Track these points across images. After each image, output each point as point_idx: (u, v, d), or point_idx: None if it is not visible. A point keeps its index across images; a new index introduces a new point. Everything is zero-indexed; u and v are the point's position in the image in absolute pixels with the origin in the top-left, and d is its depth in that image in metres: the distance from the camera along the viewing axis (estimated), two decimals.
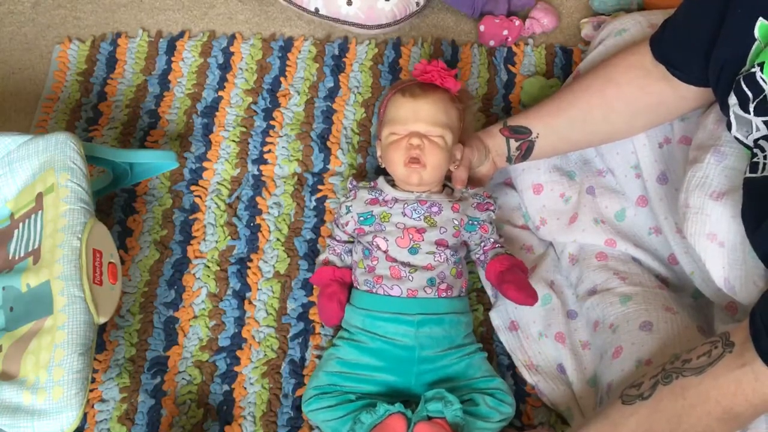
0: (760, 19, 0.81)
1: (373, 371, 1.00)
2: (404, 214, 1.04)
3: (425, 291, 1.01)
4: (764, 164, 0.81)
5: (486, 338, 1.10)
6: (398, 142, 1.03)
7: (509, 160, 1.11)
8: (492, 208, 1.08)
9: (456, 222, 1.04)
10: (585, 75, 1.07)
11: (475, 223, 1.06)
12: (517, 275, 1.02)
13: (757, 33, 0.82)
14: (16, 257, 0.97)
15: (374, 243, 1.03)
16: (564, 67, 1.34)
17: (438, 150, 1.02)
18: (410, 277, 1.01)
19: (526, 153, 1.10)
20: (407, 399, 1.01)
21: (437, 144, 1.03)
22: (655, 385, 0.81)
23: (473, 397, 0.98)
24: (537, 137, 1.08)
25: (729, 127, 0.86)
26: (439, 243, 1.03)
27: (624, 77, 1.02)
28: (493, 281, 1.05)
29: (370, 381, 1.00)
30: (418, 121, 1.03)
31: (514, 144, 1.09)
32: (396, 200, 1.05)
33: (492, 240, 1.07)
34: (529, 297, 1.00)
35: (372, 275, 1.03)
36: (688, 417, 0.78)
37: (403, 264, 1.01)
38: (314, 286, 1.13)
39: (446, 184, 1.10)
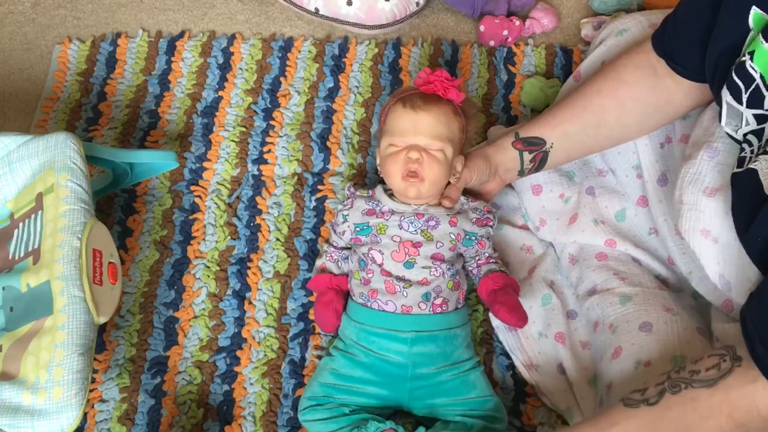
0: (754, 8, 0.81)
1: (366, 384, 1.00)
2: (401, 227, 1.02)
3: (419, 307, 1.00)
4: (750, 158, 0.81)
5: (486, 338, 1.10)
6: (397, 154, 1.01)
7: (521, 173, 1.09)
8: (491, 223, 1.07)
9: (453, 236, 1.03)
10: (593, 78, 1.06)
11: (473, 238, 1.05)
12: (509, 296, 1.01)
13: (751, 22, 0.82)
14: (16, 257, 0.97)
15: (370, 255, 1.03)
16: (564, 67, 1.34)
17: (437, 164, 1.01)
18: (404, 293, 1.00)
19: (540, 164, 1.08)
20: (401, 411, 1.02)
21: (437, 158, 1.01)
22: (662, 393, 0.79)
23: (464, 422, 0.97)
24: (551, 147, 1.06)
25: (720, 118, 0.86)
26: (435, 257, 1.01)
27: (633, 77, 1.01)
28: (485, 299, 1.04)
29: (364, 394, 1.00)
30: (417, 133, 1.01)
31: (527, 156, 1.07)
32: (393, 212, 1.04)
33: (487, 255, 1.07)
34: (519, 320, 0.99)
35: (367, 288, 1.02)
36: (698, 428, 0.77)
37: (398, 278, 1.00)
38: None
39: None
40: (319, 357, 1.08)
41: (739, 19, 0.83)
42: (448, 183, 1.05)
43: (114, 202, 1.20)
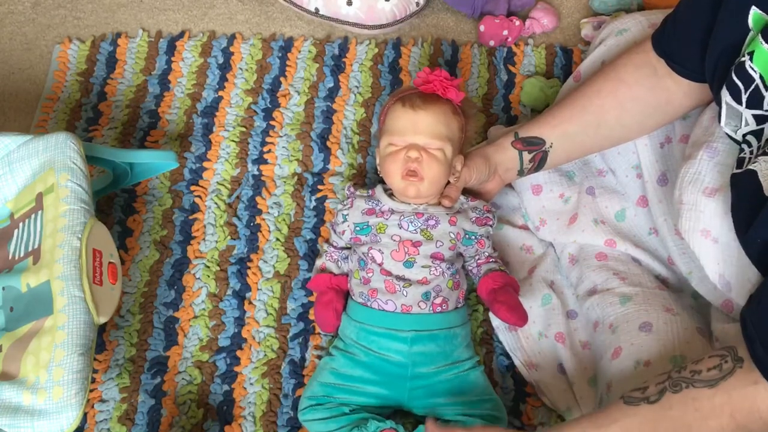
0: (754, 8, 0.81)
1: (366, 384, 1.00)
2: (400, 227, 1.02)
3: (419, 306, 1.00)
4: (749, 159, 0.81)
5: (486, 338, 1.10)
6: (396, 153, 1.01)
7: (521, 173, 1.09)
8: (490, 222, 1.07)
9: (452, 235, 1.03)
10: (593, 78, 1.06)
11: (472, 237, 1.05)
12: (509, 295, 1.01)
13: (750, 22, 0.82)
14: (16, 257, 0.97)
15: (369, 254, 1.03)
16: (564, 67, 1.34)
17: (436, 163, 1.01)
18: (404, 292, 1.00)
19: (539, 164, 1.08)
20: (401, 411, 1.02)
21: (436, 157, 1.01)
22: (662, 391, 0.79)
23: (464, 421, 0.97)
24: (551, 147, 1.06)
25: (719, 119, 0.86)
26: (434, 256, 1.01)
27: (633, 77, 1.01)
28: (485, 298, 1.04)
29: (364, 393, 1.00)
30: (417, 133, 1.01)
31: (527, 156, 1.07)
32: (392, 212, 1.04)
33: (486, 254, 1.06)
34: (520, 319, 0.99)
35: (367, 288, 1.02)
36: (699, 428, 0.77)
37: (398, 278, 1.00)
38: None
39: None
40: (319, 357, 1.08)
41: (738, 19, 0.83)
42: (448, 182, 1.05)
43: (114, 202, 1.20)
